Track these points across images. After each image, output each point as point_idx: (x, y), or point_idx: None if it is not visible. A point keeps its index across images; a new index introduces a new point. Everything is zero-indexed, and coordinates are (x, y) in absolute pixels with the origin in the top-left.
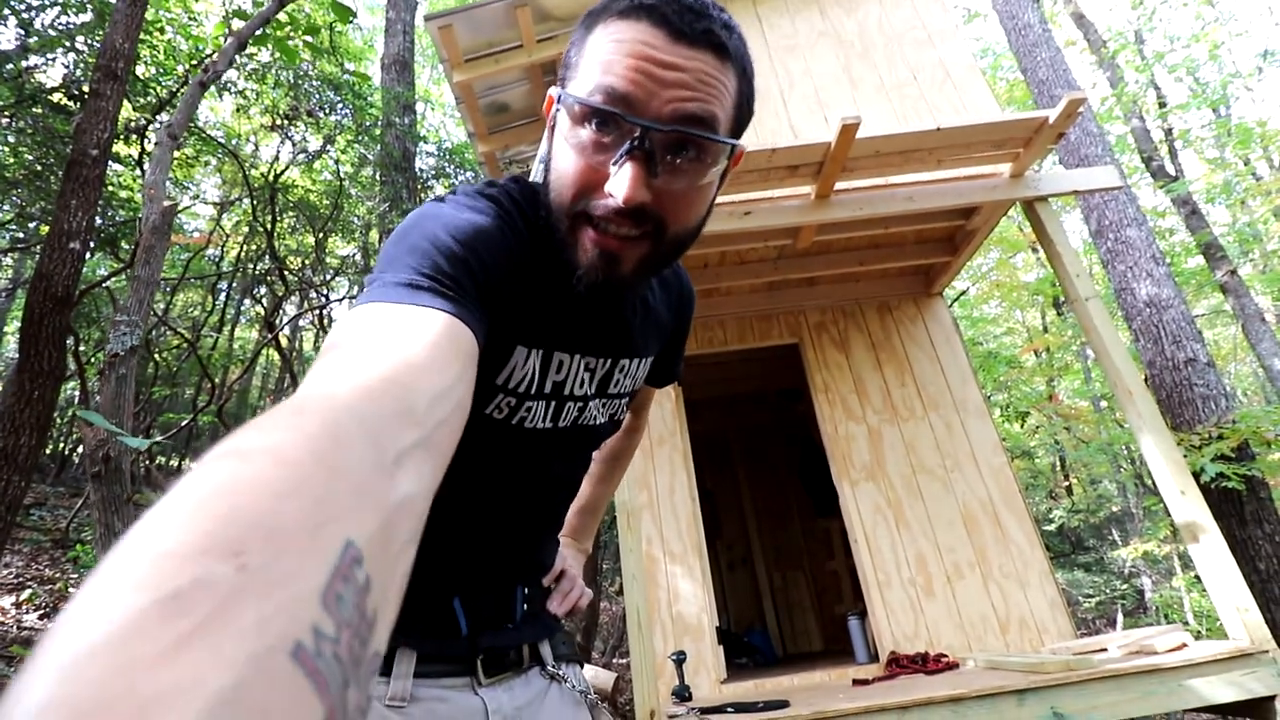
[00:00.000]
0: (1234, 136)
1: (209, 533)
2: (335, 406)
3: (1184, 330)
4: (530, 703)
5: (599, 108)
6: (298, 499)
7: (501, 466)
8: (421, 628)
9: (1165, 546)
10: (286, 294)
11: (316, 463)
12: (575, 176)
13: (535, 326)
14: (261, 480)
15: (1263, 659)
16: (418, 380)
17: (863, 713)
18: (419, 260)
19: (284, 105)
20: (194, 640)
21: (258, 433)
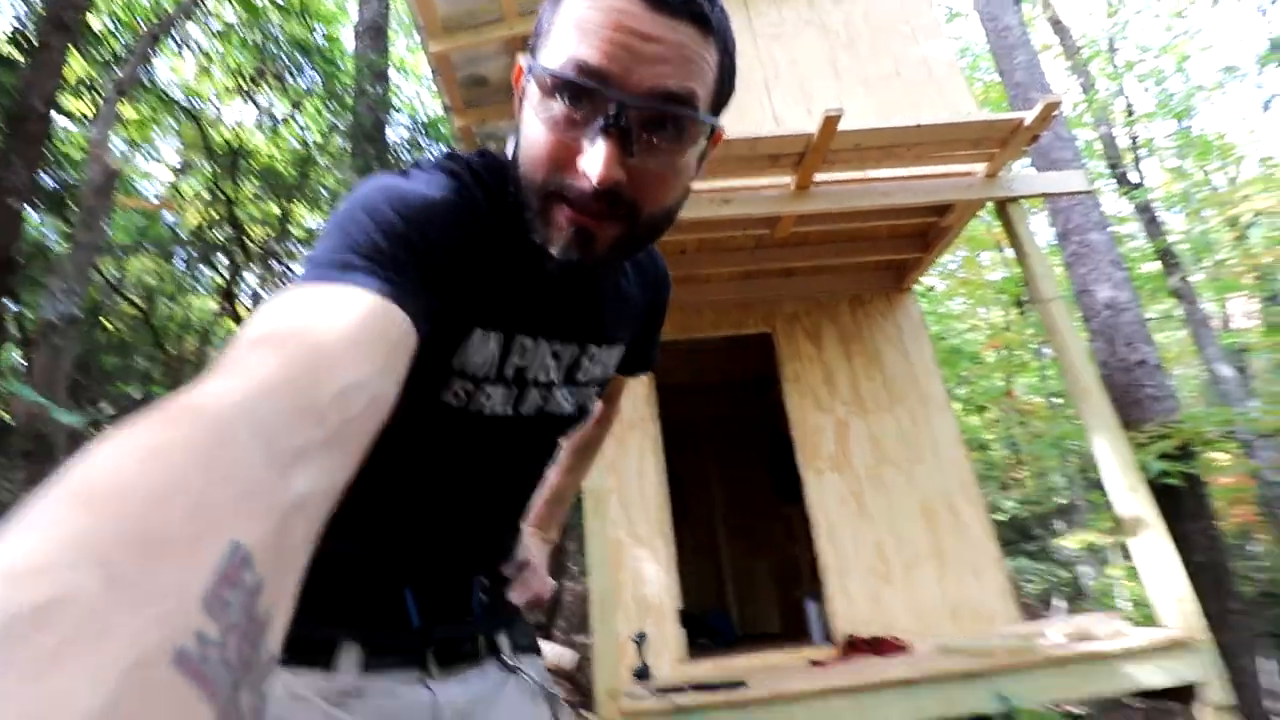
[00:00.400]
0: (1194, 147)
1: (71, 544)
2: (224, 404)
3: (1137, 333)
4: (485, 695)
5: (572, 80)
6: (174, 504)
7: (459, 454)
8: (370, 619)
9: (1105, 538)
10: (248, 263)
11: (196, 464)
12: (546, 153)
13: (495, 308)
14: (132, 485)
15: (1195, 647)
16: (326, 372)
17: (818, 694)
18: (357, 236)
19: (249, 67)
20: (60, 657)
21: (131, 434)
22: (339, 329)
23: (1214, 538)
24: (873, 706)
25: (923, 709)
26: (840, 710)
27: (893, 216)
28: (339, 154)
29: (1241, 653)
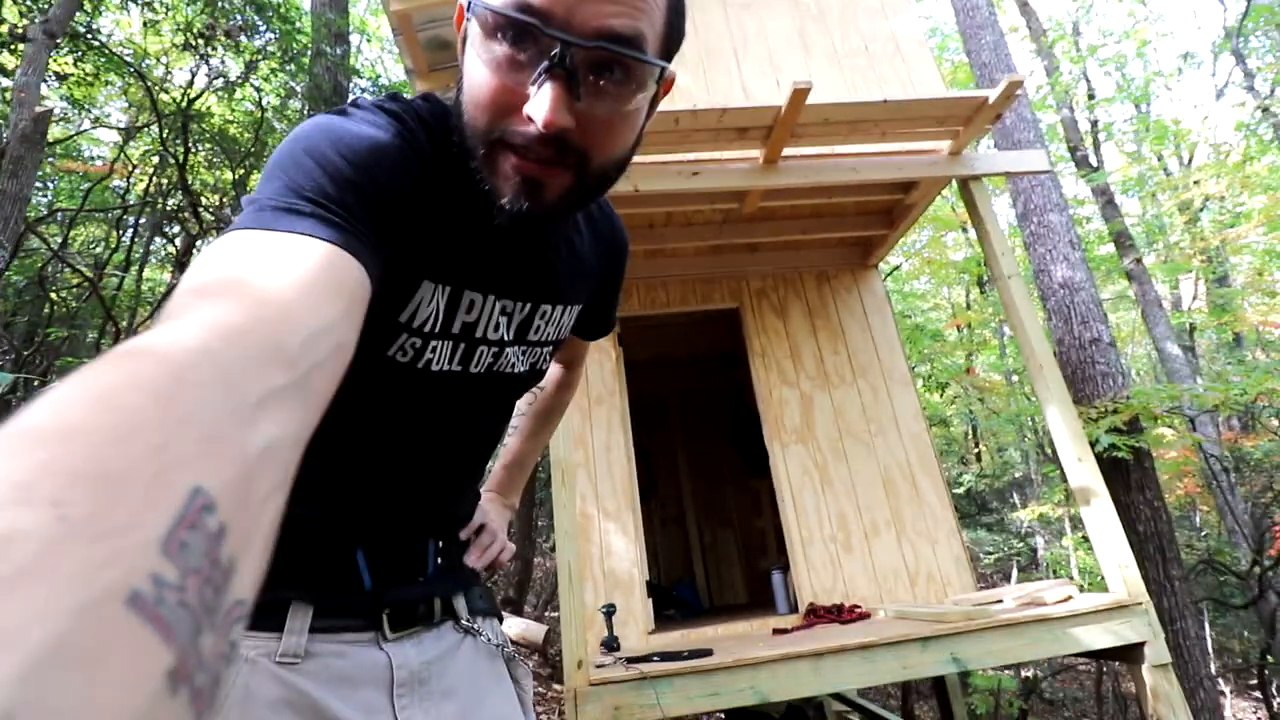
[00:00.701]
0: (1151, 133)
1: (20, 484)
2: (185, 348)
3: (1092, 312)
4: (440, 657)
5: (514, 17)
6: (132, 446)
7: (409, 412)
8: (320, 580)
9: (1058, 510)
10: (202, 233)
11: (156, 407)
12: (489, 96)
13: (442, 260)
14: (90, 426)
15: (1137, 610)
16: (290, 318)
17: (780, 659)
18: (302, 180)
19: (199, 23)
20: (10, 591)
21: (88, 377)
22: (296, 276)
23: (1158, 508)
24: (833, 670)
25: (880, 672)
26: (802, 674)
27: (859, 193)
28: (296, 118)
29: (1183, 616)
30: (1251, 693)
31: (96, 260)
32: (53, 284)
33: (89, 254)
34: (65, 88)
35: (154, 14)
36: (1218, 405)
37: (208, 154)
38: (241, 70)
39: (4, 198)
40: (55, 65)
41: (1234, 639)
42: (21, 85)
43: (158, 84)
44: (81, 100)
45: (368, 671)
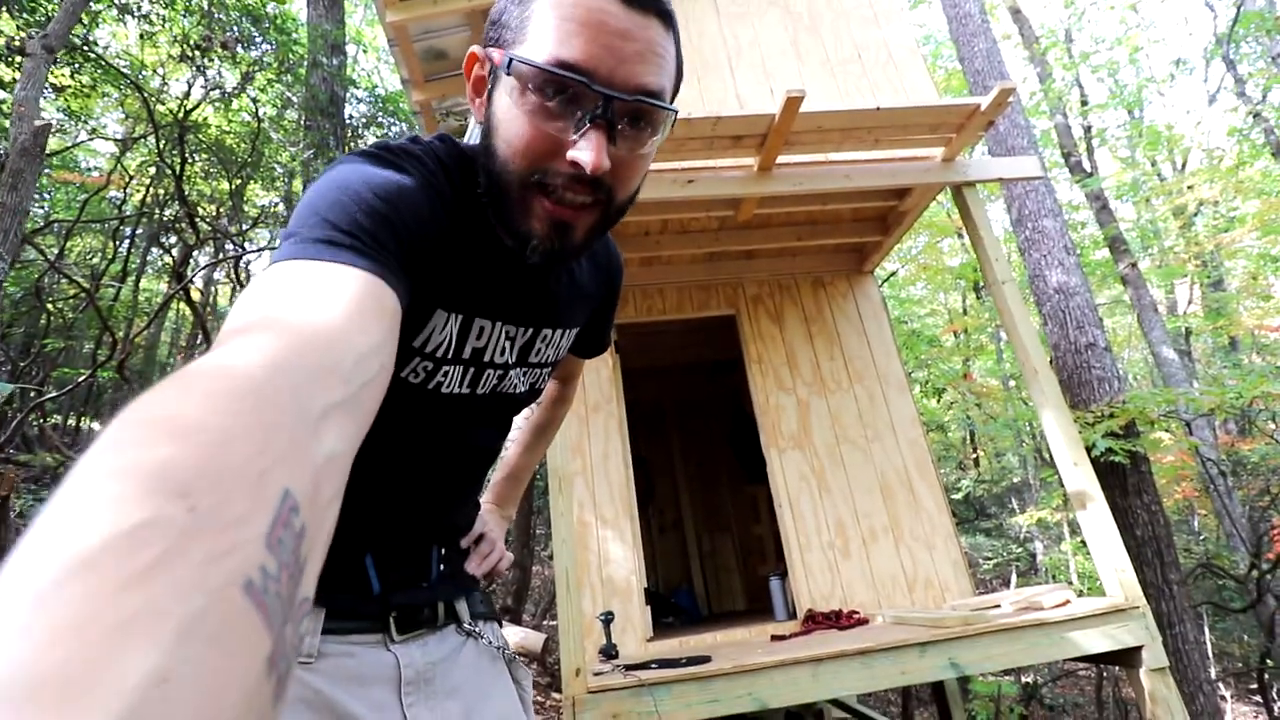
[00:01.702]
0: (1144, 138)
1: (157, 475)
2: (261, 364)
3: (1087, 317)
4: (445, 658)
5: (562, 75)
6: (240, 447)
7: (417, 430)
8: (332, 585)
9: (1057, 515)
10: (198, 243)
11: (252, 414)
12: (529, 143)
13: (456, 291)
14: (204, 426)
15: (1134, 614)
16: (343, 339)
17: (779, 666)
18: (338, 216)
19: (196, 35)
20: (154, 573)
21: (189, 382)
22: (344, 302)
23: (1156, 512)
24: (832, 676)
25: (879, 678)
26: (800, 681)
27: (854, 200)
28: (293, 128)
29: (1182, 620)
30: (1252, 697)
31: (93, 271)
32: (49, 295)
33: (85, 265)
34: (62, 99)
35: (151, 26)
36: (1214, 409)
37: (204, 165)
38: (238, 81)
39: (3, 210)
40: (52, 77)
41: (1234, 643)
42: (21, 99)
43: (154, 95)
44: (78, 112)
45: (376, 671)
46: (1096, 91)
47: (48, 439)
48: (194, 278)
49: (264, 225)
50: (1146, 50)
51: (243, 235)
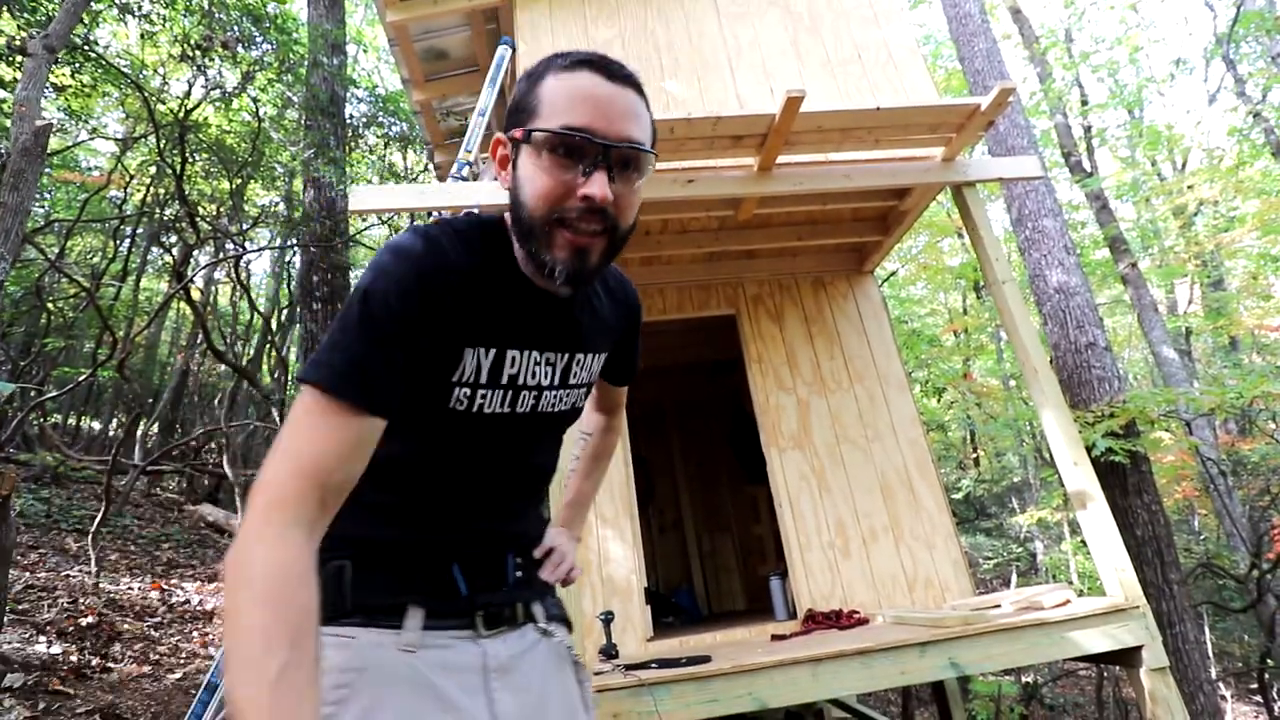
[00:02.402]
0: (1144, 138)
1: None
2: (284, 559)
3: (1087, 316)
4: (523, 653)
5: (570, 134)
6: (302, 613)
7: (474, 449)
8: (428, 589)
9: (1057, 514)
10: (199, 243)
11: (281, 594)
12: (549, 190)
13: (484, 331)
14: (269, 601)
15: (1134, 613)
16: (334, 482)
17: (778, 665)
18: (353, 350)
19: (196, 35)
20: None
21: (250, 576)
22: (345, 452)
23: (1156, 512)
24: (832, 675)
25: (879, 677)
26: (800, 680)
27: (853, 200)
28: (293, 128)
29: (1183, 620)
30: (1252, 697)
31: (93, 270)
32: (50, 294)
33: (86, 264)
34: (63, 99)
35: (151, 25)
36: (1214, 409)
37: (205, 164)
38: (238, 81)
39: (5, 210)
40: (53, 77)
41: (1234, 643)
42: (22, 99)
43: (155, 95)
44: (79, 111)
45: (467, 660)
46: (1096, 91)
47: (48, 438)
48: (194, 277)
49: (264, 225)
50: (1146, 50)
51: (243, 235)
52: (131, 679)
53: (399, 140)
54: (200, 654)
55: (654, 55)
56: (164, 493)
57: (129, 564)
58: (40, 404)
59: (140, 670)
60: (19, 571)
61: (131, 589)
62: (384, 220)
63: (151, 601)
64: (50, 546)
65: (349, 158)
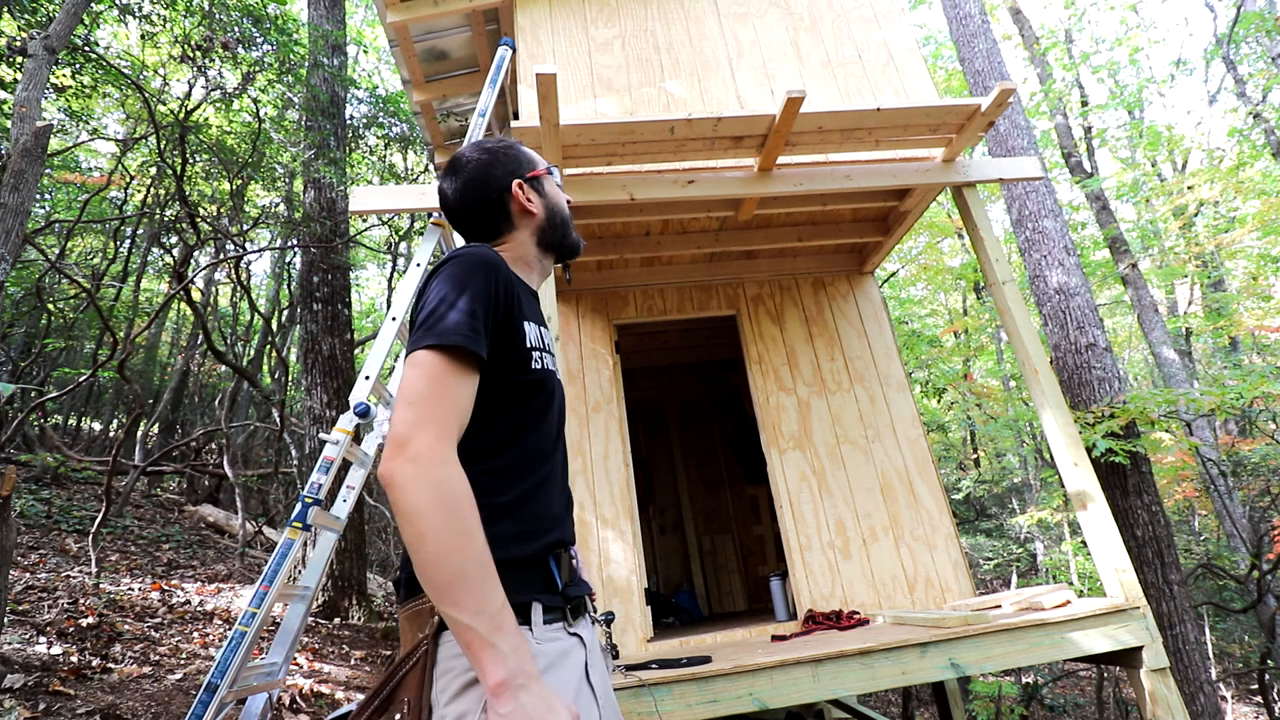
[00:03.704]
0: (1145, 139)
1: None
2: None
3: (1088, 317)
4: (593, 641)
5: (555, 173)
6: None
7: (550, 412)
8: (540, 585)
9: (1057, 515)
10: (199, 243)
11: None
12: (568, 208)
13: (524, 312)
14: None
15: (1134, 614)
16: (465, 421)
17: (779, 666)
18: (467, 320)
19: (197, 36)
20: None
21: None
22: (470, 396)
23: (1156, 513)
24: (832, 676)
25: (879, 678)
26: (801, 681)
27: (853, 200)
28: (294, 129)
29: (1183, 620)
30: (1252, 697)
31: (94, 271)
32: (50, 295)
33: (86, 265)
34: (63, 100)
35: (152, 26)
36: (1214, 409)
37: (205, 165)
38: (239, 82)
39: (5, 211)
40: (54, 78)
41: (1234, 643)
42: (22, 100)
43: (155, 96)
44: (79, 112)
45: (575, 646)
46: (1097, 92)
47: (48, 439)
48: (195, 278)
49: (264, 225)
50: (1147, 51)
51: (243, 235)
52: (132, 680)
53: (399, 141)
54: (201, 654)
55: (654, 55)
56: (164, 493)
57: (129, 564)
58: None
59: (140, 671)
60: (19, 572)
61: (132, 589)
62: (384, 221)
63: (152, 602)
64: (50, 547)
65: (349, 158)
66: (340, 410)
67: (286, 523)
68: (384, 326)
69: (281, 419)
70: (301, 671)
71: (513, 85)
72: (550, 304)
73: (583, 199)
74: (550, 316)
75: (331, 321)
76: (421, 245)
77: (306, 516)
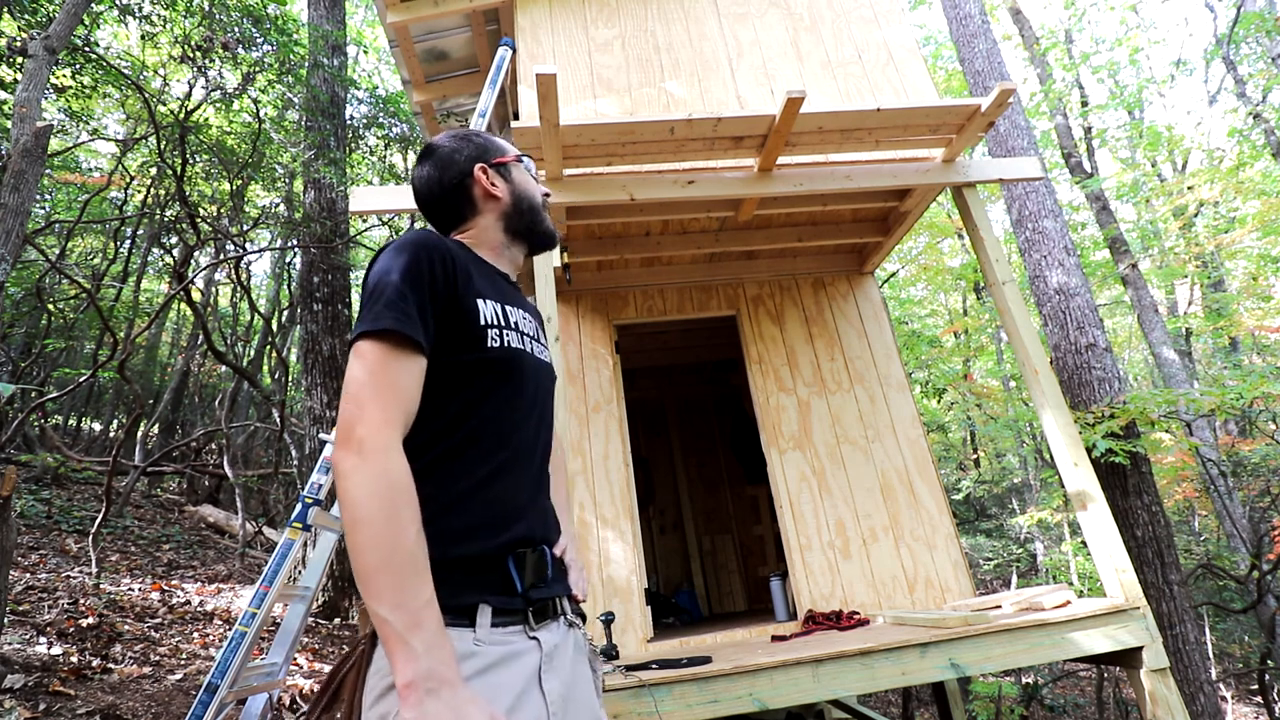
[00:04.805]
0: (1145, 139)
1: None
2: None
3: (1088, 317)
4: (560, 644)
5: (527, 156)
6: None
7: (516, 388)
8: (494, 587)
9: (1057, 515)
10: (199, 244)
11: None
12: (539, 195)
13: (482, 291)
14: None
15: (1135, 614)
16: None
17: (779, 666)
18: (396, 302)
19: (197, 36)
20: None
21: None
22: (414, 384)
23: (1156, 513)
24: (832, 676)
25: (879, 678)
26: (801, 681)
27: (854, 200)
28: (294, 129)
29: (1183, 621)
30: (1253, 698)
31: (94, 271)
32: (50, 295)
33: (86, 265)
34: (64, 100)
35: (152, 26)
36: (1214, 410)
37: (205, 165)
38: (239, 82)
39: (5, 211)
40: (54, 78)
41: (1234, 644)
42: (22, 100)
43: (155, 96)
44: (80, 112)
45: (528, 651)
46: (1097, 92)
47: (49, 439)
48: (195, 278)
49: (265, 226)
50: (1147, 51)
51: (243, 236)
52: (132, 680)
53: (399, 141)
54: (201, 655)
55: (654, 55)
56: (164, 494)
57: (129, 565)
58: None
59: (141, 671)
60: (19, 572)
61: (132, 590)
62: (384, 221)
63: (152, 602)
64: (51, 547)
65: (349, 159)
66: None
67: (286, 523)
68: None
69: (281, 419)
70: (302, 672)
71: (513, 85)
72: (550, 304)
73: (583, 199)
74: (550, 317)
75: (332, 322)
76: None
77: (306, 517)
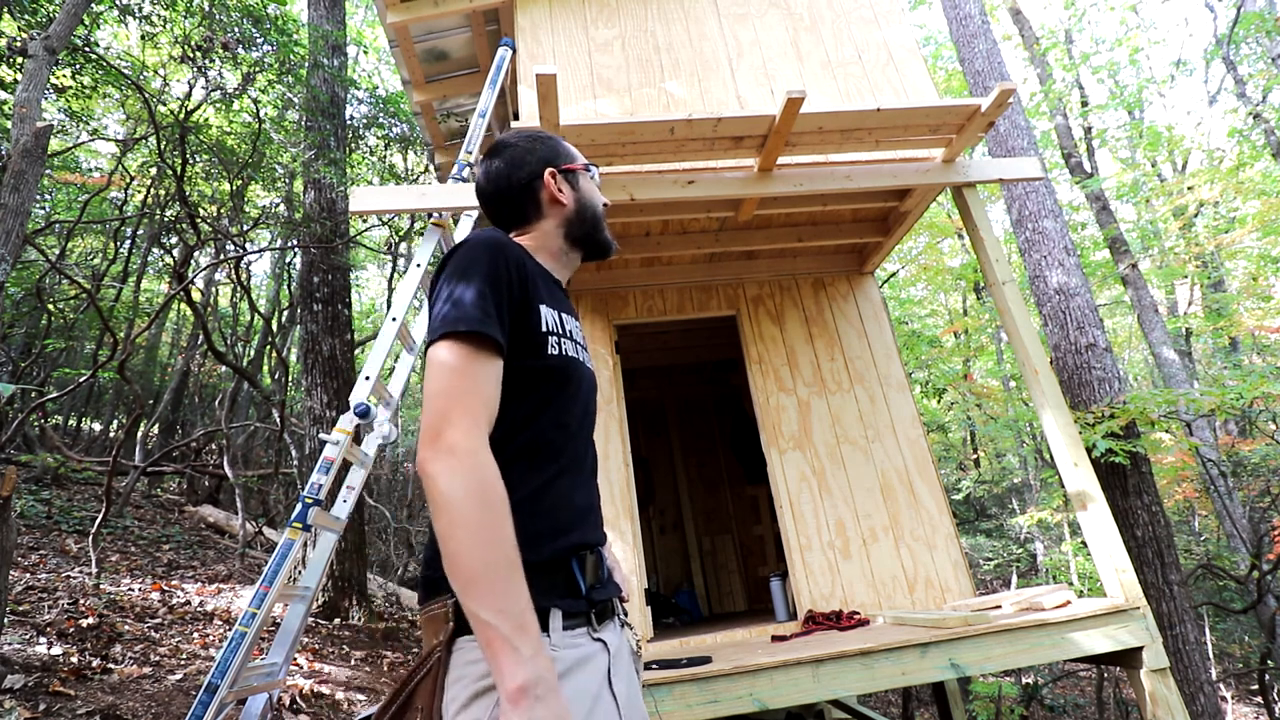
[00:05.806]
0: (1145, 139)
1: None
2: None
3: (1088, 317)
4: (620, 645)
5: (593, 166)
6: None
7: (571, 401)
8: (560, 590)
9: (1057, 515)
10: (199, 244)
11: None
12: (601, 205)
13: (543, 298)
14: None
15: (1135, 614)
16: (494, 407)
17: (779, 666)
18: (478, 302)
19: (197, 36)
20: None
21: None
22: (495, 381)
23: (1156, 513)
24: (832, 676)
25: (879, 678)
26: (801, 681)
27: (854, 201)
28: (294, 129)
29: (1183, 621)
30: (1253, 698)
31: (94, 271)
32: (50, 295)
33: (86, 265)
34: (64, 100)
35: (152, 27)
36: (1214, 410)
37: (205, 165)
38: (239, 82)
39: (5, 212)
40: (54, 78)
41: (1234, 644)
42: (23, 101)
43: (156, 96)
44: (80, 113)
45: (597, 652)
46: (1097, 92)
47: (48, 439)
48: (195, 278)
49: (265, 226)
50: (1147, 51)
51: (243, 236)
52: (132, 680)
53: (400, 141)
54: (201, 655)
55: (654, 56)
56: (164, 494)
57: (129, 565)
58: (41, 405)
59: (141, 671)
60: (19, 572)
61: (132, 590)
62: (384, 221)
63: (152, 602)
64: (51, 547)
65: (349, 159)
66: (340, 411)
67: (286, 523)
68: (384, 327)
69: (281, 419)
70: (302, 672)
71: (513, 85)
72: None
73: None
74: None
75: (332, 322)
76: (421, 246)
77: (307, 517)
